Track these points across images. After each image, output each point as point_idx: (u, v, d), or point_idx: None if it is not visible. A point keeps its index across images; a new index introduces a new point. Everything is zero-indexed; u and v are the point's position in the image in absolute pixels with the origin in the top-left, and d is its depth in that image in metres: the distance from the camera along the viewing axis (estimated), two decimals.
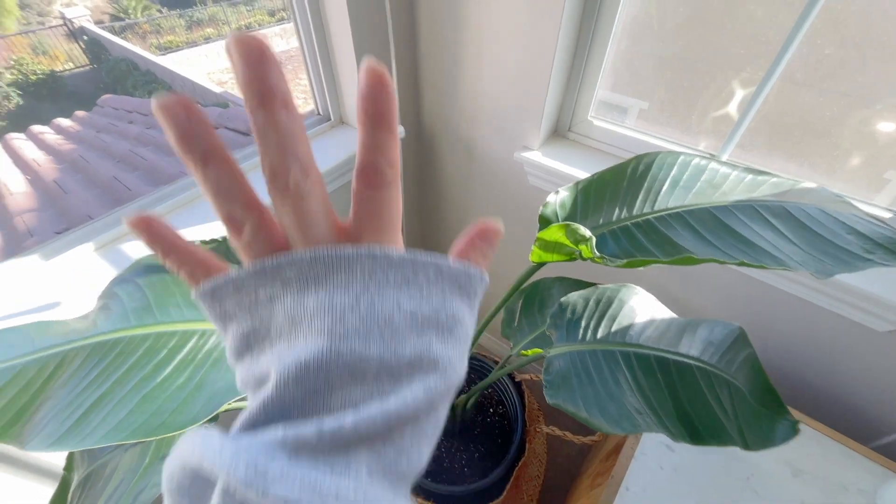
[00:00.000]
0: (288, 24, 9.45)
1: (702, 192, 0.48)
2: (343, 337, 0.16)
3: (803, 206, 0.43)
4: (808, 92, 0.66)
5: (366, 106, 0.17)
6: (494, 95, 0.88)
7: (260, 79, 0.16)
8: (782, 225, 0.42)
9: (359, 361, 0.16)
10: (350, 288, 0.17)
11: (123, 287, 0.45)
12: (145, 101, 3.02)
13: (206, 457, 0.14)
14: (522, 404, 0.98)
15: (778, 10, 0.63)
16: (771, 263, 0.38)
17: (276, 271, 0.17)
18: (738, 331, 0.55)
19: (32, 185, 2.07)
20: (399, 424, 0.17)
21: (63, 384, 0.36)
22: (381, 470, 0.16)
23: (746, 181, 0.48)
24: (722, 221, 0.44)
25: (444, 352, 0.18)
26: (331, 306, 0.17)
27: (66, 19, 8.11)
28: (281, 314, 0.17)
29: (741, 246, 0.41)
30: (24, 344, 0.37)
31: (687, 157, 0.52)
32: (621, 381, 0.53)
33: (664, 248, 0.43)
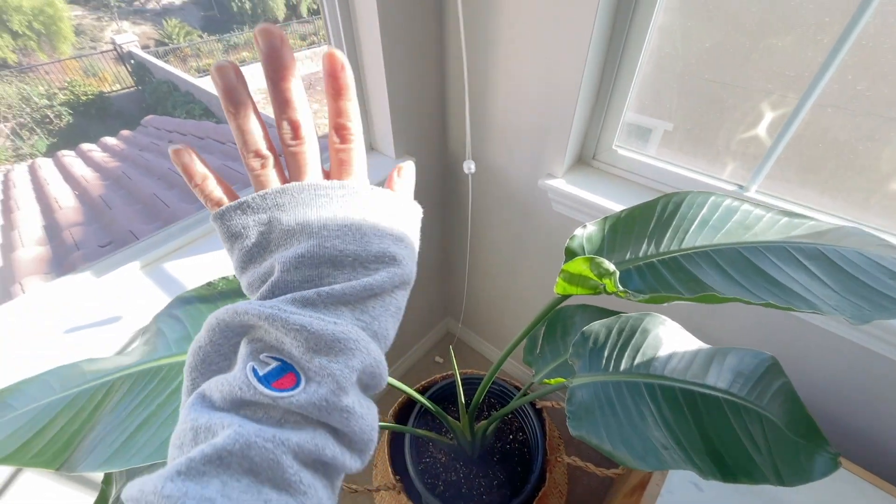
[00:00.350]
0: (318, 48, 9.88)
1: (732, 233, 0.48)
2: (327, 238, 0.23)
3: (840, 248, 0.42)
4: (841, 123, 0.66)
5: (330, 82, 0.24)
6: (520, 124, 0.90)
7: (278, 59, 0.23)
8: (817, 267, 0.41)
9: (339, 255, 0.23)
10: (329, 207, 0.24)
11: (165, 322, 0.48)
12: (185, 121, 3.20)
13: (238, 312, 0.21)
14: (543, 432, 0.97)
15: (806, 45, 0.63)
16: (801, 306, 0.37)
17: (274, 197, 0.24)
18: (770, 360, 0.54)
19: (80, 200, 2.20)
20: (371, 296, 0.24)
21: (111, 410, 0.38)
22: (361, 326, 0.23)
23: (781, 223, 0.47)
24: (751, 262, 0.44)
25: (399, 251, 0.25)
26: (317, 218, 0.24)
27: (116, 45, 8.73)
28: (278, 229, 0.24)
29: (770, 287, 0.40)
30: (77, 377, 0.40)
31: (718, 198, 0.51)
32: (646, 414, 0.52)
33: (689, 286, 0.43)
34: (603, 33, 0.73)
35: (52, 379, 0.40)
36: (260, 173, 0.25)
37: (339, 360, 0.21)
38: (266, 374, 0.20)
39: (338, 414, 0.20)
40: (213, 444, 0.18)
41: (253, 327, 0.22)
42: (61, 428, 0.36)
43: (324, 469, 0.21)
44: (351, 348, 0.21)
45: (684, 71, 0.76)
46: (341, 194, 0.24)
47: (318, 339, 0.20)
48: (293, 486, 0.18)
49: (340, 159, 0.26)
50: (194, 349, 0.22)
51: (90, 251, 1.55)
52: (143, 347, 0.48)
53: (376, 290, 0.24)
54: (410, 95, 0.92)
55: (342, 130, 0.25)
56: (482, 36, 0.84)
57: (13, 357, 0.60)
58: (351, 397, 0.21)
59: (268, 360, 0.21)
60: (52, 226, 1.99)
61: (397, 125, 0.93)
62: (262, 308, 0.21)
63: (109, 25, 12.41)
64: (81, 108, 8.37)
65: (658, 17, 0.72)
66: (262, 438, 0.18)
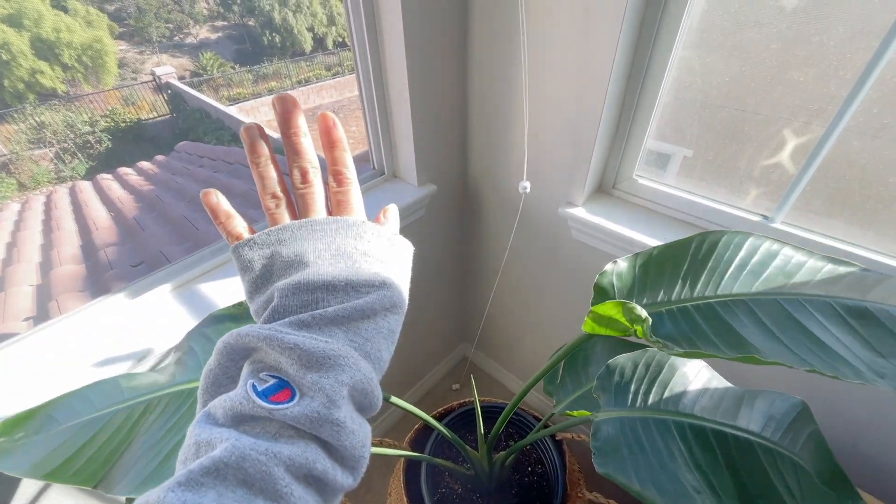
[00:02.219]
0: (341, 77, 10.33)
1: (771, 280, 0.45)
2: (321, 266, 0.26)
3: (890, 308, 0.38)
4: (868, 156, 0.65)
5: (325, 137, 0.30)
6: (541, 152, 0.92)
7: (290, 120, 0.28)
8: (863, 328, 0.38)
9: (332, 280, 0.26)
10: (324, 240, 0.27)
11: (197, 340, 0.50)
12: (215, 147, 3.35)
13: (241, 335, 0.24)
14: (563, 465, 0.94)
15: (828, 80, 0.64)
16: (848, 375, 0.34)
17: (276, 233, 0.27)
18: (801, 405, 0.52)
19: (115, 221, 2.31)
20: (362, 318, 0.26)
21: (146, 430, 0.40)
22: (353, 347, 0.25)
23: (824, 272, 0.44)
24: (792, 316, 0.41)
25: (388, 276, 0.28)
26: (312, 250, 0.27)
27: (155, 76, 9.31)
28: (279, 261, 0.27)
29: (812, 346, 0.38)
30: (116, 393, 0.42)
31: (757, 240, 0.49)
32: (676, 454, 0.50)
33: (726, 338, 0.41)
34: (623, 66, 0.75)
35: (92, 395, 0.42)
36: (275, 212, 0.29)
37: (330, 376, 0.22)
38: (264, 390, 0.22)
39: (329, 427, 0.22)
40: (212, 456, 0.19)
41: (255, 349, 0.24)
42: (100, 446, 0.38)
43: (316, 484, 0.22)
44: (341, 364, 0.23)
45: (704, 102, 0.77)
46: (335, 228, 0.28)
47: (309, 356, 0.22)
48: (284, 497, 0.19)
49: (338, 200, 0.30)
50: (205, 372, 0.25)
51: (122, 270, 1.62)
52: (175, 366, 0.49)
53: (367, 311, 0.26)
54: (433, 125, 0.95)
55: (338, 176, 0.30)
56: (502, 64, 0.87)
57: (52, 375, 0.63)
58: (343, 412, 0.22)
59: (267, 377, 0.23)
60: (88, 245, 2.08)
61: (420, 154, 0.96)
62: (261, 330, 0.23)
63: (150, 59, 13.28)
64: (120, 134, 8.89)
65: (678, 52, 0.74)
66: (256, 451, 0.20)
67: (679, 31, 0.71)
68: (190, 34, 14.90)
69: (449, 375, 1.67)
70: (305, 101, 9.62)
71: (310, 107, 9.64)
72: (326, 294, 0.26)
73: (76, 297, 1.54)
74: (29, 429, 0.39)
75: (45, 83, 10.05)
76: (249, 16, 15.00)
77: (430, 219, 1.09)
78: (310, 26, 14.48)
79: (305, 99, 9.62)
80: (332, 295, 0.26)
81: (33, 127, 8.51)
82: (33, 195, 5.11)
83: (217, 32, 15.27)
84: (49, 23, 10.07)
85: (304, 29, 14.27)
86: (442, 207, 1.11)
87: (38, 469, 0.36)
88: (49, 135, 8.51)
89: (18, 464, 0.36)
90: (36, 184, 7.98)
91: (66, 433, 0.38)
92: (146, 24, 14.10)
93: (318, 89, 9.87)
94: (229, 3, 15.02)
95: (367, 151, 1.04)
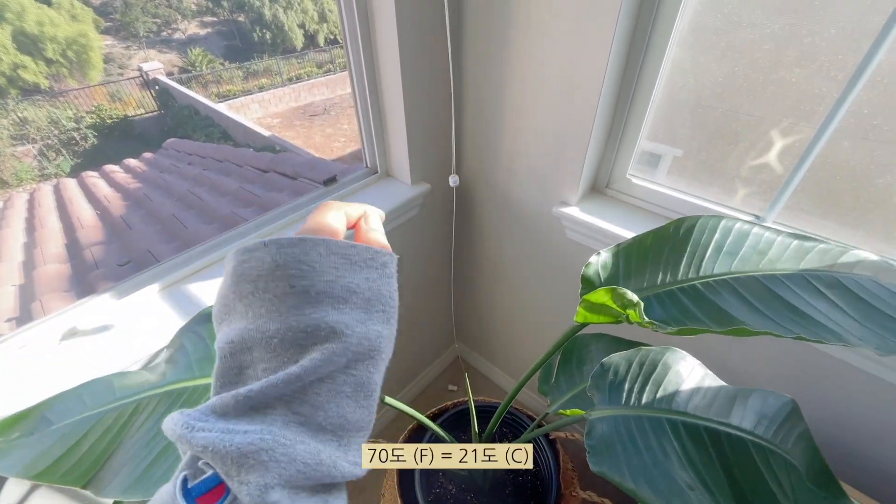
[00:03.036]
0: (333, 75, 10.25)
1: (747, 259, 0.48)
2: (253, 319, 0.21)
3: (856, 276, 0.42)
4: (859, 157, 0.66)
5: None
6: (535, 152, 0.92)
7: None
8: (836, 297, 0.41)
9: (264, 337, 0.21)
10: (257, 283, 0.21)
11: (189, 338, 0.49)
12: (205, 144, 3.31)
13: (167, 424, 0.20)
14: (557, 464, 0.94)
15: (820, 80, 0.64)
16: (830, 338, 0.36)
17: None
18: (791, 404, 0.53)
19: (101, 220, 2.26)
20: (310, 384, 0.21)
21: (136, 431, 0.39)
22: (298, 422, 0.20)
23: (792, 247, 0.48)
24: (772, 290, 0.43)
25: (341, 318, 0.21)
26: (251, 291, 0.21)
27: (142, 72, 9.15)
28: (231, 300, 0.22)
29: (795, 318, 0.40)
30: (107, 393, 0.41)
31: (729, 222, 0.52)
32: (669, 451, 0.51)
33: (714, 317, 0.43)
34: (617, 67, 0.75)
35: (84, 394, 0.41)
36: None
37: (252, 477, 0.19)
38: (196, 485, 0.19)
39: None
40: None
41: None
42: (90, 447, 0.37)
43: None
44: (263, 461, 0.19)
45: (698, 102, 0.77)
46: (267, 253, 0.22)
47: (223, 457, 0.18)
48: None
49: None
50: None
51: (109, 270, 1.58)
52: (167, 364, 0.48)
53: (307, 378, 0.20)
54: (427, 124, 0.95)
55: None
56: (497, 65, 0.87)
57: (41, 376, 0.61)
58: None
59: (205, 467, 0.19)
60: (73, 244, 2.04)
61: (414, 152, 0.95)
62: (175, 427, 0.19)
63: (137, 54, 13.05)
64: (106, 131, 8.72)
65: (671, 52, 0.74)
66: None
67: (673, 32, 0.71)
68: (178, 29, 14.66)
69: (443, 375, 1.67)
70: (297, 98, 9.53)
71: (301, 104, 9.55)
72: (263, 352, 0.21)
73: (61, 297, 1.50)
74: (24, 429, 0.38)
75: (27, 78, 9.82)
76: (239, 11, 14.82)
77: (423, 218, 1.08)
78: (301, 23, 14.35)
79: (297, 96, 9.53)
80: (268, 354, 0.21)
81: (16, 123, 8.31)
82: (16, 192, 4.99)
83: (206, 28, 15.06)
84: (32, 16, 9.84)
85: (294, 25, 14.13)
86: (435, 206, 1.11)
87: (28, 469, 0.36)
88: (32, 131, 8.32)
89: (11, 464, 0.36)
90: (19, 181, 7.80)
91: (57, 433, 0.37)
92: (133, 18, 13.85)
93: (310, 87, 9.79)
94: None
95: (359, 150, 1.03)
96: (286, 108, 9.34)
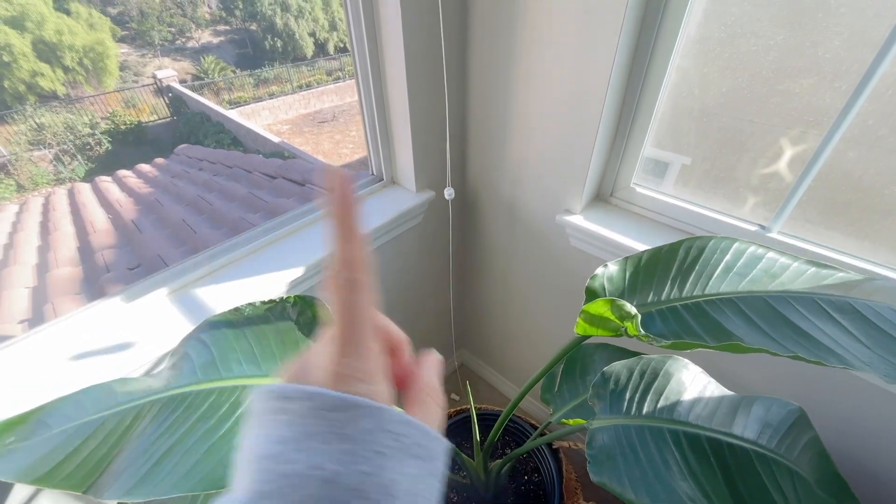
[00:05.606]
0: (342, 82, 10.38)
1: (757, 281, 0.47)
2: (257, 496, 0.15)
3: (872, 303, 0.41)
4: (864, 167, 0.66)
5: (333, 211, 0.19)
6: (539, 160, 0.92)
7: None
8: (847, 321, 0.40)
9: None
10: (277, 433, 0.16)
11: (193, 345, 0.50)
12: (215, 150, 3.36)
13: None
14: (560, 474, 0.93)
15: (824, 91, 0.64)
16: (832, 361, 0.36)
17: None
18: (799, 411, 0.52)
19: (113, 224, 2.31)
20: None
21: (138, 435, 0.39)
22: None
23: (808, 274, 0.46)
24: (778, 311, 0.43)
25: None
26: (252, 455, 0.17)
27: (156, 79, 9.34)
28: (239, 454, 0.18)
29: (798, 338, 0.39)
30: (108, 398, 0.42)
31: (742, 245, 0.51)
32: (670, 462, 0.50)
33: (713, 333, 0.42)
34: (621, 76, 0.76)
35: (85, 399, 0.41)
36: None
37: None
38: None
39: None
40: None
41: None
42: (91, 451, 0.37)
43: None
44: None
45: (702, 111, 0.77)
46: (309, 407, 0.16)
47: None
48: None
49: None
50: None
51: (120, 273, 1.61)
52: (170, 371, 0.49)
53: None
54: (432, 132, 0.96)
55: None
56: (502, 73, 0.88)
57: (47, 378, 0.62)
58: None
59: None
60: (85, 248, 2.08)
61: (419, 160, 0.96)
62: None
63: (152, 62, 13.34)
64: (120, 137, 8.89)
65: (675, 61, 0.75)
66: None
67: (677, 42, 0.72)
68: (192, 38, 14.97)
69: (446, 383, 1.66)
70: (306, 105, 9.65)
71: (310, 111, 9.67)
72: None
73: (72, 300, 1.53)
74: (20, 434, 0.38)
75: (45, 85, 10.08)
76: (251, 20, 15.09)
77: (427, 225, 1.09)
78: (311, 31, 14.57)
79: (306, 104, 9.66)
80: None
81: (33, 128, 8.52)
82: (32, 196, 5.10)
83: (219, 36, 15.35)
84: (51, 25, 10.11)
85: (305, 34, 14.36)
86: (440, 214, 1.11)
87: (28, 473, 0.36)
88: (49, 136, 8.51)
89: (9, 469, 0.36)
90: (35, 185, 7.97)
91: (58, 438, 0.38)
92: (148, 27, 14.18)
93: (319, 94, 9.91)
94: (231, 8, 15.13)
95: (365, 157, 1.04)
96: (296, 115, 9.46)
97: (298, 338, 0.56)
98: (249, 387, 0.48)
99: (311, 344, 0.21)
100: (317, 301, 0.57)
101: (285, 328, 0.56)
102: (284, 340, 0.55)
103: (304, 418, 0.16)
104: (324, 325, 0.21)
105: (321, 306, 0.57)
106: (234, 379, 0.48)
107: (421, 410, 0.21)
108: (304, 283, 0.85)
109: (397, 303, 1.16)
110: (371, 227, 0.91)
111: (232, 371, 0.49)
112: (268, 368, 0.51)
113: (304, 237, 0.90)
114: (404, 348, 0.23)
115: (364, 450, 0.16)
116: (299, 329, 0.56)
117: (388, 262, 1.05)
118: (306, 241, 0.89)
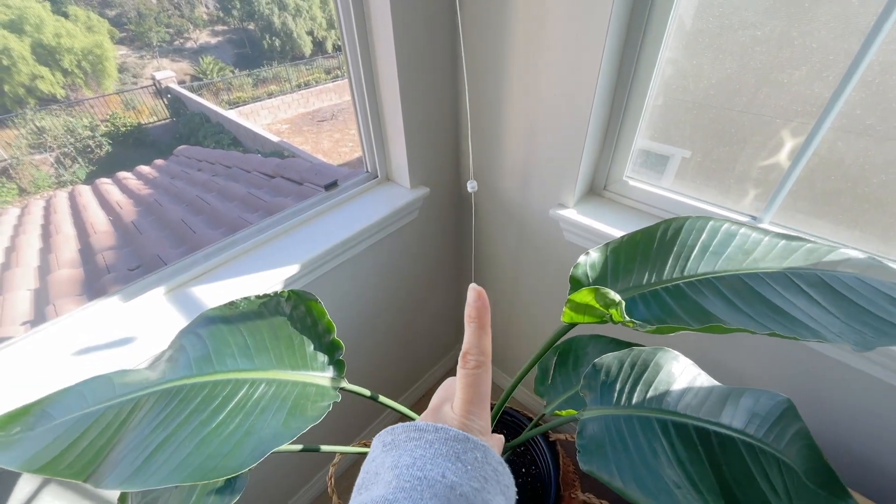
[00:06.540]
0: (341, 80, 10.37)
1: (732, 259, 0.48)
2: (397, 489, 0.22)
3: (839, 274, 0.42)
4: (853, 157, 0.66)
5: (473, 315, 0.27)
6: (532, 154, 0.93)
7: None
8: (818, 294, 0.41)
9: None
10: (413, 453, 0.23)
11: (188, 338, 0.51)
12: (214, 151, 3.37)
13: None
14: (557, 466, 0.94)
15: (813, 81, 0.64)
16: (806, 335, 0.37)
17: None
18: (787, 402, 0.52)
19: (113, 225, 2.32)
20: None
21: (135, 427, 0.40)
22: None
23: (779, 247, 0.48)
24: (753, 289, 0.44)
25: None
26: (393, 465, 0.23)
27: (155, 81, 9.35)
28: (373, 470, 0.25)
29: (774, 315, 0.40)
30: (107, 390, 0.43)
31: (717, 223, 0.52)
32: (658, 450, 0.51)
33: (695, 315, 0.43)
34: (611, 69, 0.76)
35: (85, 390, 0.42)
36: None
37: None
38: None
39: None
40: None
41: None
42: (91, 441, 0.38)
43: None
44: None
45: (694, 103, 0.78)
46: (433, 440, 0.24)
47: None
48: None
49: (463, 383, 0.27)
50: None
51: (120, 274, 1.62)
52: (166, 364, 0.50)
53: None
54: (425, 129, 0.96)
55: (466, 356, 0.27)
56: (493, 68, 0.88)
57: (46, 377, 0.63)
58: None
59: None
60: (86, 249, 2.09)
61: (412, 157, 0.97)
62: None
63: (151, 63, 13.34)
64: (120, 139, 8.92)
65: (664, 54, 0.75)
66: None
67: (665, 34, 0.72)
68: (190, 38, 14.96)
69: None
70: (305, 104, 9.65)
71: (309, 110, 9.67)
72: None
73: (74, 301, 1.55)
74: (25, 424, 0.40)
75: (44, 88, 10.10)
76: (249, 20, 15.08)
77: (423, 221, 1.10)
78: (309, 30, 14.55)
79: (305, 102, 9.66)
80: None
81: (34, 132, 8.55)
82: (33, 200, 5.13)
83: (217, 37, 15.34)
84: (50, 28, 10.13)
85: (303, 33, 14.33)
86: (435, 210, 1.12)
87: (33, 462, 0.37)
88: (49, 139, 8.54)
89: (14, 458, 0.37)
90: (36, 188, 8.01)
91: (60, 428, 0.39)
92: (146, 28, 14.18)
93: (318, 92, 9.91)
94: (229, 8, 15.11)
95: (360, 155, 1.05)
96: (295, 114, 9.46)
97: (291, 332, 0.56)
98: (242, 380, 0.49)
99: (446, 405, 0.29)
100: (309, 296, 0.58)
101: (279, 323, 0.57)
102: (278, 335, 0.56)
103: (433, 444, 0.23)
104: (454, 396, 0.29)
105: (314, 301, 0.57)
106: (227, 373, 0.49)
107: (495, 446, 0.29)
108: (300, 281, 0.86)
109: (395, 299, 1.17)
110: (363, 225, 0.92)
111: (226, 365, 0.50)
112: (261, 362, 0.51)
113: (298, 235, 0.91)
114: None
115: (474, 472, 0.23)
116: (292, 324, 0.57)
117: (384, 259, 1.05)
118: (301, 240, 0.89)
